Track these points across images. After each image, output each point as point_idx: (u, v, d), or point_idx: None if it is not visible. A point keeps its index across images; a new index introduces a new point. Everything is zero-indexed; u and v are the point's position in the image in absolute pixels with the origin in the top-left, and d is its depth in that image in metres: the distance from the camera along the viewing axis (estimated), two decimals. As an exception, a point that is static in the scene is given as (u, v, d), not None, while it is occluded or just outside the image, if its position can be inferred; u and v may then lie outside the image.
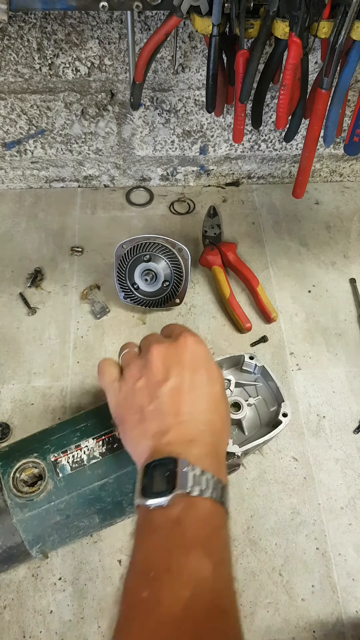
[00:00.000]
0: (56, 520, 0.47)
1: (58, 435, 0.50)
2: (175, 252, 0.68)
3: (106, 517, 0.50)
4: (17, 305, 0.73)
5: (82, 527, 0.49)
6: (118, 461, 0.48)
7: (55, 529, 0.47)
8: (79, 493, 0.47)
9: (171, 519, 0.36)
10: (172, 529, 0.36)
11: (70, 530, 0.48)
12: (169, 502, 0.36)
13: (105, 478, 0.48)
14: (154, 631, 0.32)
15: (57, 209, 0.85)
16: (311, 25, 0.51)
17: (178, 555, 0.35)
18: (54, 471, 0.48)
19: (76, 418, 0.53)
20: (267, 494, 0.60)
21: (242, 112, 0.59)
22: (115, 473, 0.48)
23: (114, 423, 0.46)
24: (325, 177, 0.91)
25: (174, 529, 0.36)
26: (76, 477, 0.48)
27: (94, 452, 0.49)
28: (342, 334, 0.73)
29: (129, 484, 0.48)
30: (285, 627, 0.53)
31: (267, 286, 0.77)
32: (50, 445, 0.49)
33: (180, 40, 0.67)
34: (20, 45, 0.67)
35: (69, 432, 0.50)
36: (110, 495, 0.48)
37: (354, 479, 0.61)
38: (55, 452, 0.49)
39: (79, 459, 0.48)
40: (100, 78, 0.72)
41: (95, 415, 0.52)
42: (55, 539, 0.48)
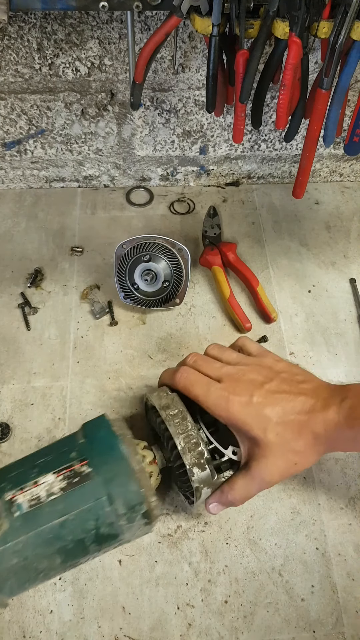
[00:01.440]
0: (13, 563, 0.43)
1: (15, 473, 0.47)
2: (175, 252, 0.68)
3: (68, 558, 0.46)
4: (17, 305, 0.73)
5: (43, 570, 0.45)
6: (79, 496, 0.45)
7: (13, 573, 0.43)
8: (37, 532, 0.44)
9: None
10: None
11: (29, 574, 0.44)
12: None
13: (65, 515, 0.44)
14: None
15: (57, 209, 0.85)
16: (311, 25, 0.51)
17: None
18: (9, 510, 0.44)
19: (36, 453, 0.49)
20: (267, 494, 0.60)
21: (242, 112, 0.59)
22: (76, 509, 0.44)
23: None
24: (325, 177, 0.91)
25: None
26: (34, 515, 0.44)
27: (53, 487, 0.45)
28: (342, 334, 0.73)
29: (91, 520, 0.44)
30: (285, 627, 0.53)
31: (267, 286, 0.77)
32: (6, 483, 0.46)
33: (180, 40, 0.67)
34: (20, 45, 0.67)
35: (28, 468, 0.47)
36: (72, 533, 0.44)
37: (354, 479, 0.61)
38: (11, 490, 0.45)
39: (36, 496, 0.45)
40: (100, 78, 0.72)
41: (56, 448, 0.48)
42: (14, 584, 0.44)
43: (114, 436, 0.47)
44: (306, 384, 0.50)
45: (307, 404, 0.48)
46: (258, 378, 0.50)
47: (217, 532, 0.57)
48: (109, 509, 0.44)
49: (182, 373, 0.52)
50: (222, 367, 0.52)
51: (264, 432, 0.47)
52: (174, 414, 0.51)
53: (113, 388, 0.67)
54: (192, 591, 0.54)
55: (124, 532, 0.46)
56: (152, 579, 0.54)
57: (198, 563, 0.55)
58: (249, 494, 0.50)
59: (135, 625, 0.52)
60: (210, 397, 0.49)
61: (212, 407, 0.49)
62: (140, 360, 0.69)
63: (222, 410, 0.48)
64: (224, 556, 0.56)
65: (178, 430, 0.49)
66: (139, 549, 0.56)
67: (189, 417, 0.50)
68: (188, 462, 0.49)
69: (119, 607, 0.53)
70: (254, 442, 0.48)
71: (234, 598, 0.54)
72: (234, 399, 0.48)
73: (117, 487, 0.45)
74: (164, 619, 0.53)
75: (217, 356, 0.54)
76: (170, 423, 0.50)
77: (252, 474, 0.48)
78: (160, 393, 0.53)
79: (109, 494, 0.45)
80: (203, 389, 0.50)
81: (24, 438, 0.62)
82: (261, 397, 0.48)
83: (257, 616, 0.53)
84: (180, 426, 0.50)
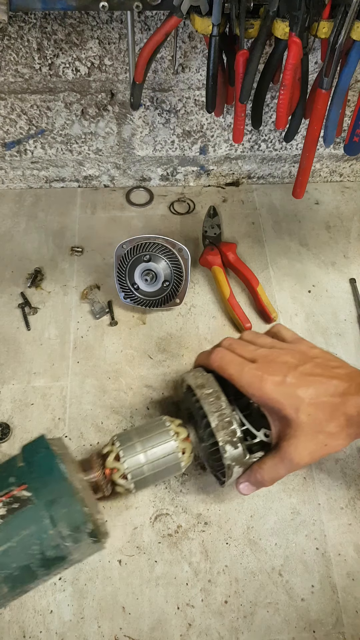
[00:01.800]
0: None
1: None
2: (175, 252, 0.68)
3: (16, 585, 0.45)
4: (17, 305, 0.73)
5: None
6: (20, 522, 0.43)
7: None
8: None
9: None
10: None
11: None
12: None
13: (7, 543, 0.43)
14: None
15: (57, 209, 0.85)
16: (311, 25, 0.51)
17: None
18: None
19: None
20: (267, 494, 0.60)
21: (242, 112, 0.59)
22: (17, 536, 0.43)
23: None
24: (325, 177, 0.91)
25: None
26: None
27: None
28: (342, 334, 0.73)
29: (35, 545, 0.43)
30: (285, 627, 0.53)
31: (267, 286, 0.77)
32: None
33: (180, 40, 0.67)
34: (20, 45, 0.67)
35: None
36: (16, 561, 0.43)
37: (354, 479, 0.61)
38: None
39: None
40: (100, 78, 0.72)
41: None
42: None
43: (53, 457, 0.46)
44: (340, 369, 0.50)
45: (340, 387, 0.48)
46: (292, 361, 0.50)
47: (217, 532, 0.57)
48: (53, 531, 0.44)
49: (217, 353, 0.53)
50: (257, 349, 0.52)
51: (296, 412, 0.47)
52: (208, 392, 0.51)
53: (113, 388, 0.67)
54: (192, 591, 0.54)
55: (71, 553, 0.45)
56: (152, 579, 0.54)
57: (198, 563, 0.55)
58: (278, 475, 0.50)
59: (135, 625, 0.52)
60: (244, 376, 0.50)
61: (246, 385, 0.49)
62: (140, 360, 0.69)
63: (255, 389, 0.49)
64: (224, 556, 0.56)
65: (212, 409, 0.50)
66: (139, 549, 0.56)
67: (223, 396, 0.51)
68: (221, 440, 0.49)
69: (119, 607, 0.53)
70: (286, 422, 0.48)
71: (234, 598, 0.54)
72: (267, 378, 0.49)
73: (60, 508, 0.44)
74: (164, 619, 0.53)
75: (251, 340, 0.55)
76: (205, 401, 0.51)
77: (282, 454, 0.49)
78: (195, 373, 0.54)
79: (51, 516, 0.44)
80: (237, 368, 0.50)
81: (24, 438, 0.62)
82: (295, 378, 0.48)
83: (257, 616, 0.53)
84: (215, 405, 0.50)
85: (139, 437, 0.52)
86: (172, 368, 0.68)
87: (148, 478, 0.51)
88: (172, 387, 0.67)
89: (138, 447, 0.51)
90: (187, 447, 0.53)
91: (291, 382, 0.48)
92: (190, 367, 0.68)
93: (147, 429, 0.53)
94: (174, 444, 0.52)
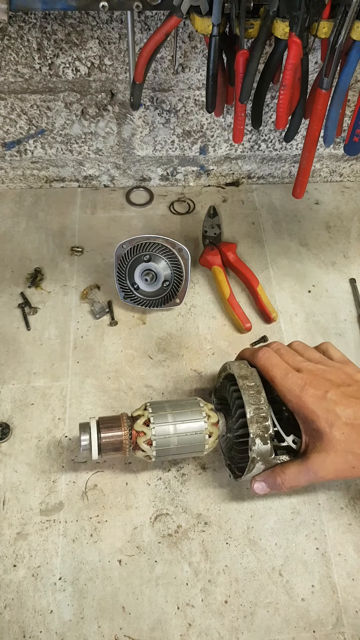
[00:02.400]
0: None
1: None
2: (175, 252, 0.68)
3: None
4: (17, 305, 0.73)
5: None
6: None
7: None
8: None
9: None
10: None
11: None
12: None
13: None
14: None
15: (57, 209, 0.85)
16: (311, 25, 0.51)
17: None
18: None
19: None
20: (267, 494, 0.60)
21: (242, 112, 0.59)
22: None
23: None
24: (325, 177, 0.91)
25: None
26: None
27: None
28: (342, 334, 0.73)
29: None
30: (285, 627, 0.53)
31: (267, 286, 0.77)
32: None
33: (180, 40, 0.67)
34: (20, 45, 0.67)
35: None
36: None
37: (354, 479, 0.61)
38: None
39: None
40: (100, 78, 0.72)
41: None
42: None
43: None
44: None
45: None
46: (336, 380, 0.51)
47: (217, 532, 0.57)
48: None
49: (265, 353, 0.54)
50: (304, 361, 0.53)
51: (331, 427, 0.48)
52: (250, 385, 0.52)
53: (113, 388, 0.67)
54: (192, 591, 0.54)
55: None
56: (152, 579, 0.54)
57: (198, 563, 0.55)
58: (298, 483, 0.51)
59: (135, 625, 0.52)
60: (287, 381, 0.50)
61: (286, 390, 0.50)
62: (140, 360, 0.69)
63: (294, 396, 0.50)
64: (224, 556, 0.56)
65: (251, 401, 0.51)
66: (139, 549, 0.56)
67: (264, 392, 0.52)
68: (253, 432, 0.50)
69: (119, 607, 0.53)
70: (318, 434, 0.49)
71: (234, 598, 0.54)
72: (309, 389, 0.49)
73: None
74: (164, 619, 0.53)
75: (300, 351, 0.56)
76: (245, 392, 0.52)
77: (308, 464, 0.49)
78: (240, 364, 0.55)
79: None
80: (281, 372, 0.51)
81: (24, 438, 0.62)
82: (336, 395, 0.49)
83: (257, 616, 0.53)
84: (254, 397, 0.51)
85: (172, 409, 0.53)
86: (172, 368, 0.68)
87: (171, 450, 0.52)
88: (172, 389, 0.67)
89: (169, 418, 0.52)
90: (214, 431, 0.54)
91: (331, 399, 0.49)
92: (191, 369, 0.68)
93: (181, 404, 0.54)
94: (203, 425, 0.53)
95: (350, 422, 0.48)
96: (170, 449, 0.53)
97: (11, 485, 0.59)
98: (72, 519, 0.57)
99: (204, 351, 0.70)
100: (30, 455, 0.61)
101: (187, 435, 0.52)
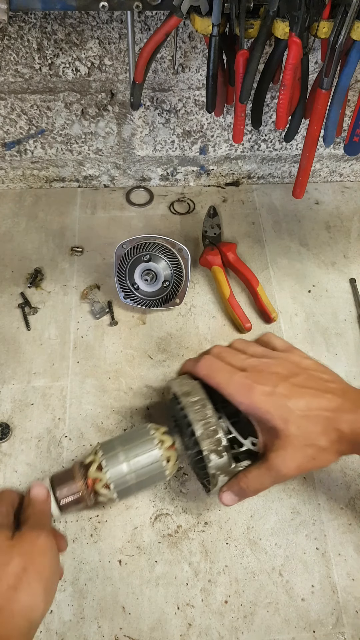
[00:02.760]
0: None
1: None
2: (175, 252, 0.68)
3: None
4: (17, 305, 0.73)
5: None
6: None
7: None
8: None
9: None
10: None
11: None
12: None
13: None
14: None
15: (57, 209, 0.85)
16: (311, 25, 0.51)
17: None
18: None
19: None
20: (267, 494, 0.60)
21: (242, 112, 0.59)
22: None
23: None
24: (325, 177, 0.91)
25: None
26: None
27: None
28: (342, 334, 0.73)
29: None
30: (285, 627, 0.53)
31: (267, 286, 0.77)
32: None
33: (180, 40, 0.67)
34: (20, 45, 0.67)
35: None
36: None
37: (354, 479, 0.61)
38: None
39: None
40: (100, 78, 0.72)
41: None
42: None
43: None
44: (333, 384, 0.49)
45: (333, 402, 0.47)
46: (283, 372, 0.49)
47: (217, 532, 0.57)
48: None
49: (205, 361, 0.52)
50: (247, 359, 0.51)
51: (285, 423, 0.46)
52: (194, 400, 0.51)
53: (113, 388, 0.67)
54: (192, 591, 0.54)
55: None
56: (152, 579, 0.54)
57: (198, 563, 0.55)
58: (263, 485, 0.49)
59: (135, 625, 0.52)
60: (233, 384, 0.49)
61: (234, 394, 0.48)
62: (140, 360, 0.69)
63: (243, 397, 0.48)
64: (224, 556, 0.56)
65: (197, 417, 0.49)
66: (139, 549, 0.56)
67: (209, 404, 0.50)
68: (206, 449, 0.49)
69: (119, 607, 0.53)
70: (274, 432, 0.47)
71: (234, 598, 0.54)
72: (257, 387, 0.48)
73: None
74: (164, 619, 0.53)
75: (241, 349, 0.54)
76: (190, 410, 0.50)
77: (269, 465, 0.48)
78: (182, 380, 0.54)
79: None
80: (225, 377, 0.49)
81: (24, 438, 0.62)
82: (285, 389, 0.47)
83: (257, 616, 0.53)
84: (200, 413, 0.50)
85: (122, 446, 0.51)
86: (172, 368, 0.68)
87: (132, 487, 0.51)
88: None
89: (121, 457, 0.50)
90: (172, 455, 0.52)
91: (281, 393, 0.47)
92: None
93: (131, 437, 0.52)
94: (157, 453, 0.51)
95: (304, 413, 0.47)
96: (131, 486, 0.51)
97: (11, 485, 0.59)
98: (72, 518, 0.57)
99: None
100: (30, 455, 0.61)
101: (144, 468, 0.51)
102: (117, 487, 0.50)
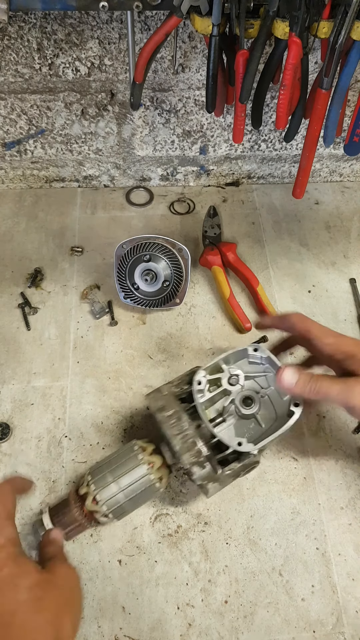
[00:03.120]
0: None
1: None
2: (175, 252, 0.68)
3: None
4: (17, 305, 0.73)
5: None
6: None
7: None
8: None
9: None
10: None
11: None
12: None
13: None
14: None
15: (57, 209, 0.85)
16: (311, 25, 0.51)
17: None
18: None
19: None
20: (267, 494, 0.60)
21: (242, 112, 0.59)
22: None
23: None
24: (325, 177, 0.91)
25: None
26: None
27: None
28: (342, 334, 0.72)
29: None
30: (285, 627, 0.53)
31: (267, 286, 0.77)
32: None
33: (180, 40, 0.67)
34: (20, 45, 0.67)
35: None
36: None
37: (354, 479, 0.61)
38: None
39: None
40: (100, 78, 0.72)
41: None
42: None
43: None
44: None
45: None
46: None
47: (217, 532, 0.57)
48: None
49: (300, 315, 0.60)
50: None
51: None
52: (169, 415, 0.51)
53: (113, 388, 0.67)
54: (192, 591, 0.54)
55: None
56: (152, 579, 0.54)
57: (198, 563, 0.55)
58: (329, 390, 0.48)
59: (135, 625, 0.52)
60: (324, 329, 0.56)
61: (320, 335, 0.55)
62: (140, 360, 0.69)
63: (333, 337, 0.55)
64: (224, 556, 0.56)
65: (174, 432, 0.50)
66: (139, 549, 0.56)
67: (185, 416, 0.50)
68: (187, 462, 0.49)
69: (119, 607, 0.53)
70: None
71: (234, 598, 0.54)
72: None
73: None
74: (164, 619, 0.53)
75: None
76: (166, 425, 0.50)
77: (348, 382, 0.48)
78: (156, 395, 0.54)
79: None
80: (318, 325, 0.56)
81: (24, 438, 0.62)
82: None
83: (257, 616, 0.53)
84: (176, 427, 0.50)
85: (112, 476, 0.52)
86: (172, 368, 0.68)
87: (125, 505, 0.52)
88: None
89: (114, 488, 0.51)
90: (163, 474, 0.53)
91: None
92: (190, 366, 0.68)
93: (117, 459, 0.53)
94: (145, 468, 0.52)
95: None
96: (124, 505, 0.52)
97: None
98: (72, 519, 0.57)
99: (204, 351, 0.70)
100: (30, 455, 0.61)
101: (133, 485, 0.51)
102: (110, 507, 0.51)
